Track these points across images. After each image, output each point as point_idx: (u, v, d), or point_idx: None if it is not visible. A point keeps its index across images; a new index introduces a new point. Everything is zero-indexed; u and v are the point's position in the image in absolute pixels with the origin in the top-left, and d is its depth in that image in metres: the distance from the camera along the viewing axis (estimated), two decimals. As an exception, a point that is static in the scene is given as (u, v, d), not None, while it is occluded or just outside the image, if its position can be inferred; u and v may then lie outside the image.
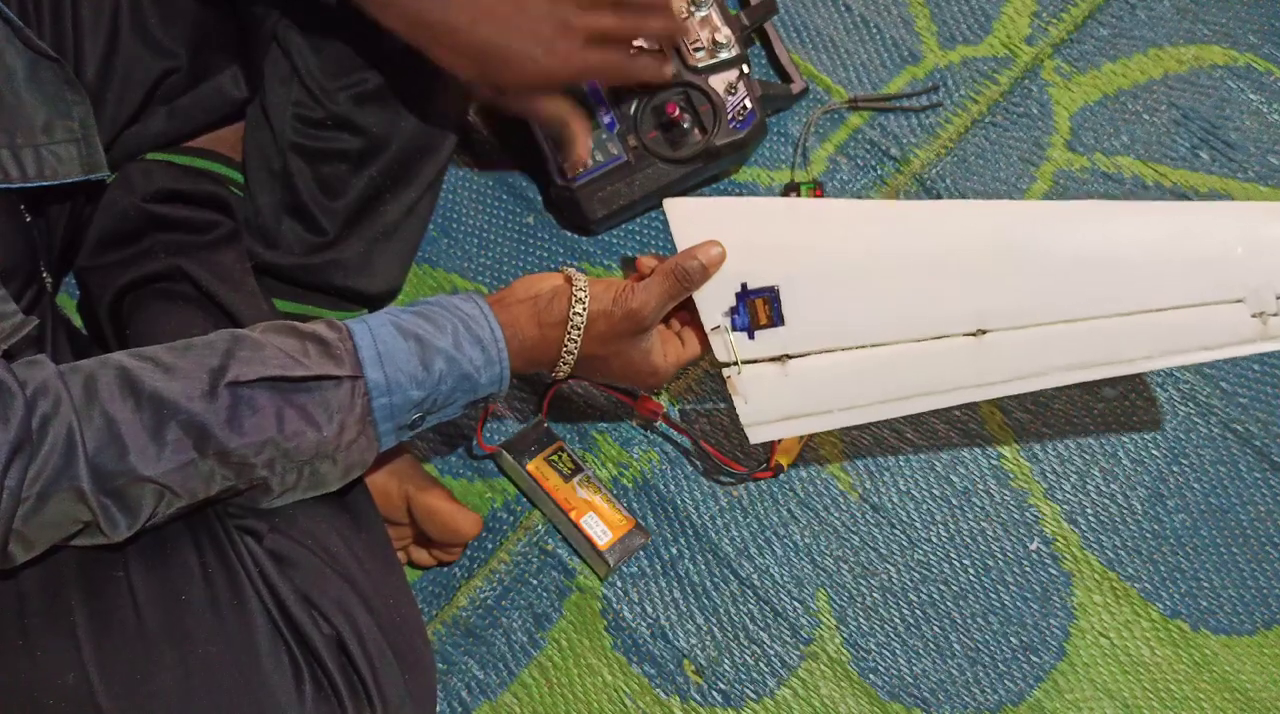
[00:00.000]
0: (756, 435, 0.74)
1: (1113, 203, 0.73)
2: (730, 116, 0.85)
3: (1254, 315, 0.72)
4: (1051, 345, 0.73)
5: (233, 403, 0.57)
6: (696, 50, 0.85)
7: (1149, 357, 0.72)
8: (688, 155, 0.86)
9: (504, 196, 0.92)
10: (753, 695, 0.78)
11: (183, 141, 0.81)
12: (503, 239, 0.91)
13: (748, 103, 0.85)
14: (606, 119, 0.86)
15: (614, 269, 0.90)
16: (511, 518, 0.83)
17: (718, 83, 0.85)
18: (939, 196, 0.91)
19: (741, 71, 0.86)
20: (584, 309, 0.67)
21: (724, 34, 0.85)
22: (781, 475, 0.83)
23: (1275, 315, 0.72)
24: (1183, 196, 0.90)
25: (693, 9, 0.86)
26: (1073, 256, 0.72)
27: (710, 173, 0.89)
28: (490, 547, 0.82)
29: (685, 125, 0.85)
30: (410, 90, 0.78)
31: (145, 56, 0.74)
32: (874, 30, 0.96)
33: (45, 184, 0.66)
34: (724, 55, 0.85)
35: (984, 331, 0.73)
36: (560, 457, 0.82)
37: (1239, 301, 0.72)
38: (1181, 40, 0.95)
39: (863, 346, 0.73)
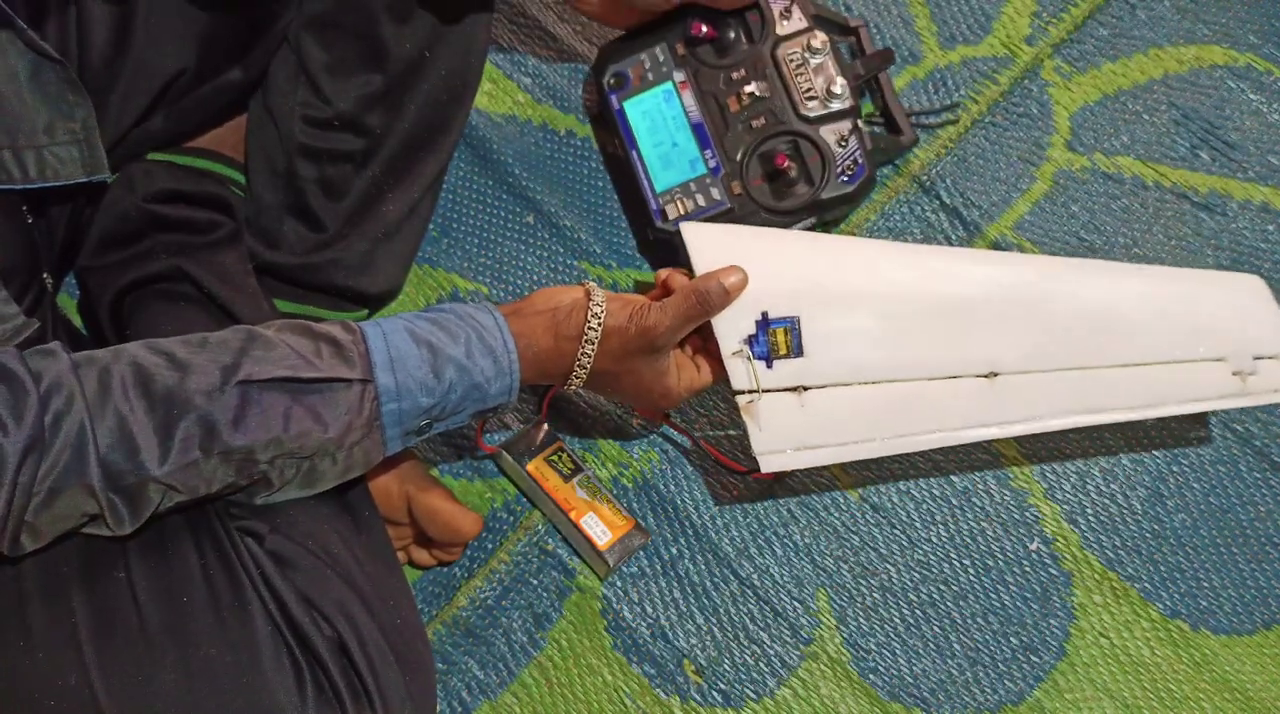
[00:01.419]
0: (769, 464, 0.74)
1: (1117, 265, 0.80)
2: (840, 169, 0.83)
3: (1234, 373, 0.78)
4: (1056, 391, 0.76)
5: (241, 402, 0.57)
6: (809, 99, 0.83)
7: (1143, 406, 0.77)
8: (792, 207, 0.83)
9: (504, 196, 0.92)
10: (753, 695, 0.78)
11: (184, 141, 0.81)
12: (503, 239, 0.91)
13: (858, 157, 0.83)
14: (712, 163, 0.84)
15: (614, 269, 0.90)
16: (511, 518, 0.83)
17: (828, 134, 0.83)
18: (938, 197, 0.91)
19: (854, 124, 0.83)
20: (599, 323, 0.67)
21: (839, 84, 0.83)
22: (781, 476, 0.83)
23: (1252, 375, 0.78)
24: (1183, 197, 0.90)
25: (808, 57, 0.84)
26: (1078, 311, 0.77)
27: (811, 224, 0.86)
28: (490, 547, 0.82)
29: (792, 175, 0.83)
30: (413, 91, 0.78)
31: (153, 59, 0.74)
32: (873, 30, 0.96)
33: (46, 185, 0.66)
34: (836, 105, 0.83)
35: (995, 374, 0.75)
36: (560, 457, 0.82)
37: (1220, 360, 0.78)
38: (1181, 40, 0.95)
39: (879, 382, 0.74)
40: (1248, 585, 0.81)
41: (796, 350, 0.73)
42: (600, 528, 0.80)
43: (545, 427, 0.83)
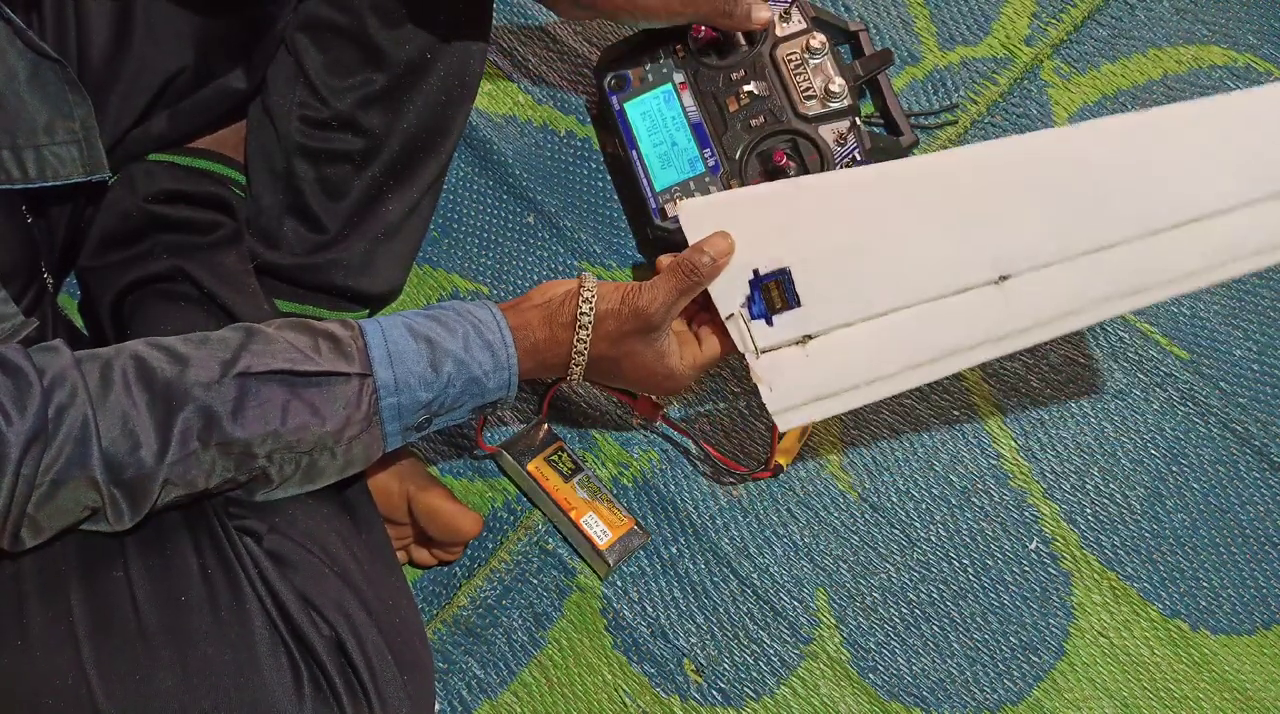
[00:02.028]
0: (786, 421, 0.72)
1: (1123, 116, 0.68)
2: (839, 167, 0.83)
3: None
4: (1083, 278, 0.68)
5: (240, 394, 0.58)
6: (808, 98, 0.83)
7: (1197, 271, 0.66)
8: None
9: (504, 197, 0.92)
10: (752, 695, 0.79)
11: (185, 142, 0.81)
12: (503, 239, 0.91)
13: (857, 155, 0.83)
14: (711, 162, 0.85)
15: (614, 268, 0.90)
16: (512, 517, 0.83)
17: (827, 133, 0.83)
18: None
19: (853, 122, 0.83)
20: (591, 308, 0.67)
21: (837, 84, 0.83)
22: (781, 475, 0.83)
23: None
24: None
25: (807, 57, 0.84)
26: (1094, 180, 0.67)
27: None
28: (491, 546, 0.83)
29: (791, 173, 0.83)
30: (413, 92, 0.78)
31: (153, 58, 0.75)
32: (873, 31, 0.96)
33: (46, 185, 0.67)
34: (835, 105, 0.83)
35: (1006, 277, 0.69)
36: (560, 457, 0.82)
37: None
38: (1180, 41, 0.95)
39: (883, 314, 0.71)
40: (1247, 585, 0.81)
41: (793, 301, 0.71)
42: (600, 528, 0.80)
43: (545, 426, 0.84)
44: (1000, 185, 0.69)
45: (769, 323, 0.72)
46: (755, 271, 0.71)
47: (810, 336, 0.72)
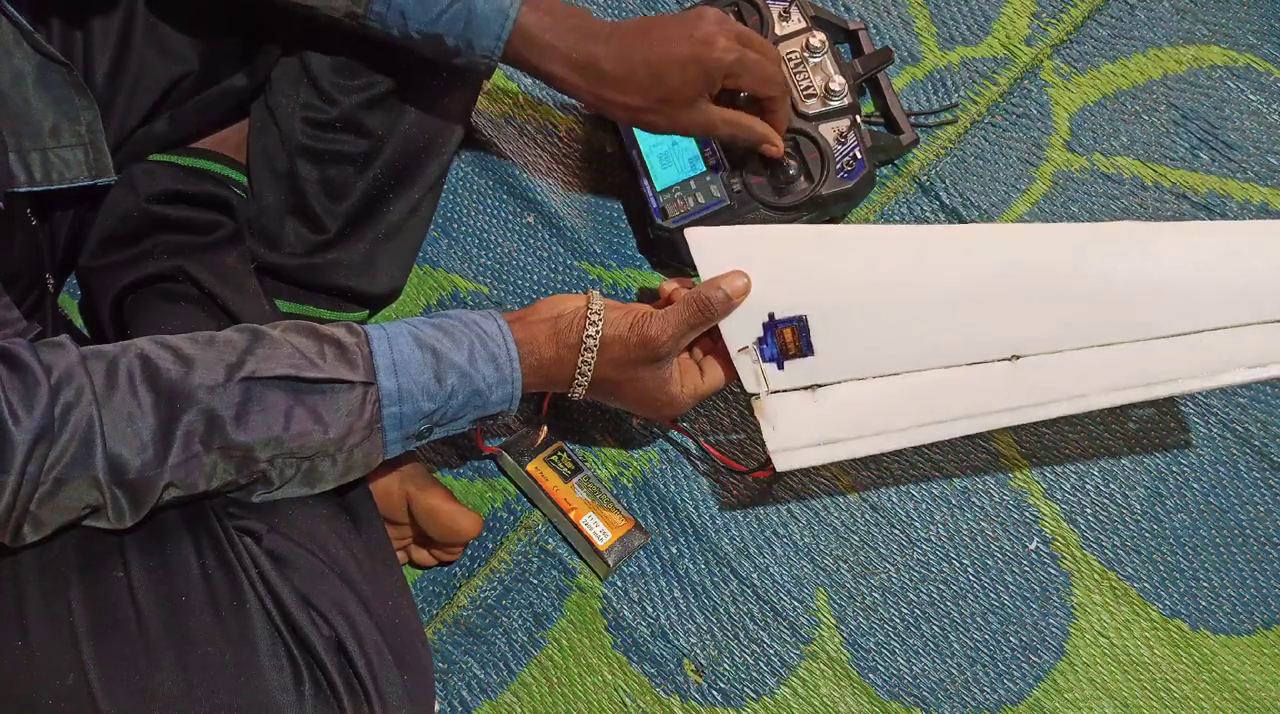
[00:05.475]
0: (784, 462, 0.73)
1: (1148, 224, 0.74)
2: (839, 166, 0.83)
3: None
4: (1089, 369, 0.72)
5: (244, 398, 0.58)
6: (808, 97, 0.83)
7: (1191, 378, 0.72)
8: (791, 203, 0.83)
9: (504, 196, 0.92)
10: (753, 695, 0.79)
11: (188, 143, 0.81)
12: (503, 239, 0.91)
13: (857, 153, 0.83)
14: (711, 161, 0.84)
15: (614, 269, 0.90)
16: (512, 518, 0.83)
17: (828, 131, 0.83)
18: (938, 198, 0.91)
19: (853, 121, 0.83)
20: (597, 332, 0.67)
21: (837, 82, 0.83)
22: (780, 475, 0.83)
23: None
24: (1182, 197, 0.90)
25: (807, 56, 0.84)
26: (1110, 280, 0.72)
27: (813, 220, 0.86)
28: (491, 546, 0.83)
29: (792, 172, 0.83)
30: (416, 93, 0.78)
31: (156, 62, 0.75)
32: (873, 31, 0.96)
33: (52, 188, 0.67)
34: (836, 103, 0.83)
35: (1019, 357, 0.72)
36: (560, 457, 0.82)
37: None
38: (1181, 41, 0.95)
39: (894, 375, 0.72)
40: (1247, 585, 0.81)
41: (806, 349, 0.72)
42: (600, 528, 0.80)
43: (545, 427, 0.84)
44: (1025, 269, 0.72)
45: (780, 367, 0.72)
46: (771, 314, 0.71)
47: (820, 386, 0.72)
